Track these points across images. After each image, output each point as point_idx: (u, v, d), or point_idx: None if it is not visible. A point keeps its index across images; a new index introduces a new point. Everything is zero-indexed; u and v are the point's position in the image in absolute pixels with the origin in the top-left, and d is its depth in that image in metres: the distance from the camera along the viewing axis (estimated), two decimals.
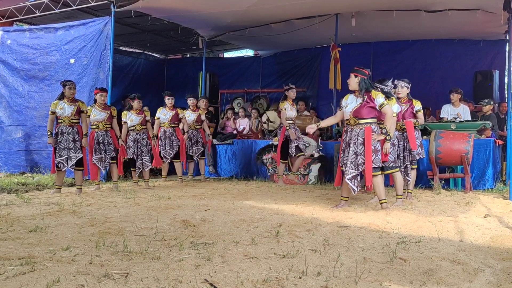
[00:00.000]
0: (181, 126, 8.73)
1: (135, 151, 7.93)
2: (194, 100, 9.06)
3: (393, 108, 5.64)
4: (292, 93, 8.14)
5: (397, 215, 5.08)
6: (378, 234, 4.13)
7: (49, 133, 6.95)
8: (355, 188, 5.40)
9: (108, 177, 8.39)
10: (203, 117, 9.05)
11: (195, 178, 9.24)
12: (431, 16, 9.01)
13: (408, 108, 6.22)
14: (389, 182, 6.34)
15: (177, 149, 8.59)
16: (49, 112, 7.02)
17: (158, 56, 14.58)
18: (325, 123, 6.14)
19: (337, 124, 9.52)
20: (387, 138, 5.36)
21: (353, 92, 5.53)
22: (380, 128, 5.46)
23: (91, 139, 7.33)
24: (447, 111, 8.06)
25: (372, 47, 11.87)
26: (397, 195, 5.88)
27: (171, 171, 9.16)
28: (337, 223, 4.63)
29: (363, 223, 4.61)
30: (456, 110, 7.97)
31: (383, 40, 11.53)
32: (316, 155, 8.62)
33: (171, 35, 11.85)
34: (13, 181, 8.23)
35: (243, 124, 10.55)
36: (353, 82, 5.43)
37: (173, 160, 8.70)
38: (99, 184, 7.60)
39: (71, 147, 6.91)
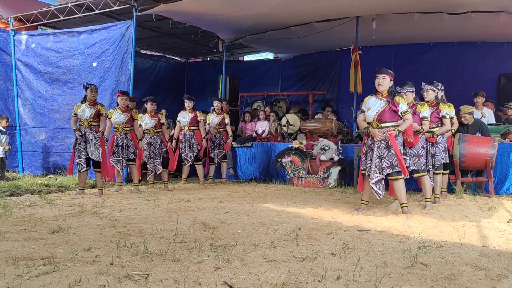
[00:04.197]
0: (202, 130, 8.75)
1: (148, 154, 8.00)
2: (219, 104, 9.12)
3: (425, 113, 5.91)
4: None
5: (418, 219, 5.02)
6: (398, 239, 4.08)
7: (75, 129, 7.11)
8: (380, 192, 5.35)
9: (128, 179, 8.48)
10: (227, 121, 9.09)
11: (215, 180, 9.27)
12: (454, 18, 8.90)
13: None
14: (411, 186, 6.28)
15: (197, 152, 8.64)
16: (72, 114, 7.20)
17: (179, 59, 14.69)
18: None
19: (357, 127, 9.49)
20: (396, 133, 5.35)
21: (374, 93, 5.49)
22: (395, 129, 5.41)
23: (112, 141, 7.45)
24: None
25: (393, 50, 11.74)
26: (426, 198, 5.84)
27: (192, 174, 9.21)
28: (357, 227, 4.60)
29: (383, 227, 4.56)
30: (479, 114, 7.86)
31: (404, 42, 11.41)
32: (336, 158, 8.57)
33: (192, 38, 11.92)
34: (36, 182, 8.38)
35: (262, 126, 10.55)
36: (387, 84, 5.40)
37: (195, 163, 8.75)
38: (120, 185, 7.69)
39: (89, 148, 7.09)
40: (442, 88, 6.54)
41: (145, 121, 8.02)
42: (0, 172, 8.96)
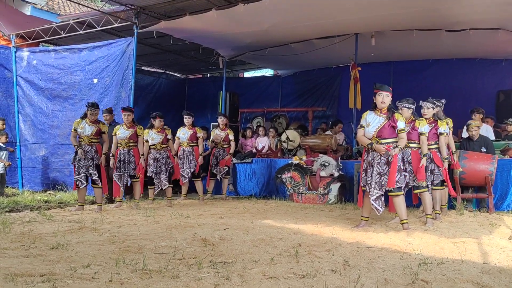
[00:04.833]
0: (200, 147, 8.76)
1: (154, 169, 7.99)
2: (224, 119, 9.15)
3: (424, 129, 5.92)
4: None
5: (418, 236, 5.00)
6: (399, 255, 4.06)
7: (76, 147, 7.14)
8: (380, 209, 5.34)
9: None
10: (231, 137, 9.08)
11: (215, 196, 9.25)
12: (452, 35, 8.96)
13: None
14: (411, 202, 6.26)
15: (194, 168, 8.64)
16: (72, 130, 7.22)
17: (179, 75, 14.77)
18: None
19: (357, 143, 9.51)
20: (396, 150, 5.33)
21: (372, 109, 5.52)
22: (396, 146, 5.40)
23: (115, 156, 7.48)
24: None
25: (392, 67, 11.81)
26: (426, 215, 5.83)
27: (192, 190, 9.19)
28: (357, 243, 4.58)
29: (383, 244, 4.55)
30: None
31: (403, 59, 11.48)
32: (336, 174, 8.56)
33: (192, 55, 12.01)
34: (35, 198, 8.37)
35: (262, 142, 10.56)
36: (389, 101, 5.43)
37: (193, 179, 8.75)
38: (120, 201, 7.67)
39: (90, 164, 7.12)
40: (442, 104, 6.57)
41: (152, 136, 8.02)
42: (0, 188, 8.95)
